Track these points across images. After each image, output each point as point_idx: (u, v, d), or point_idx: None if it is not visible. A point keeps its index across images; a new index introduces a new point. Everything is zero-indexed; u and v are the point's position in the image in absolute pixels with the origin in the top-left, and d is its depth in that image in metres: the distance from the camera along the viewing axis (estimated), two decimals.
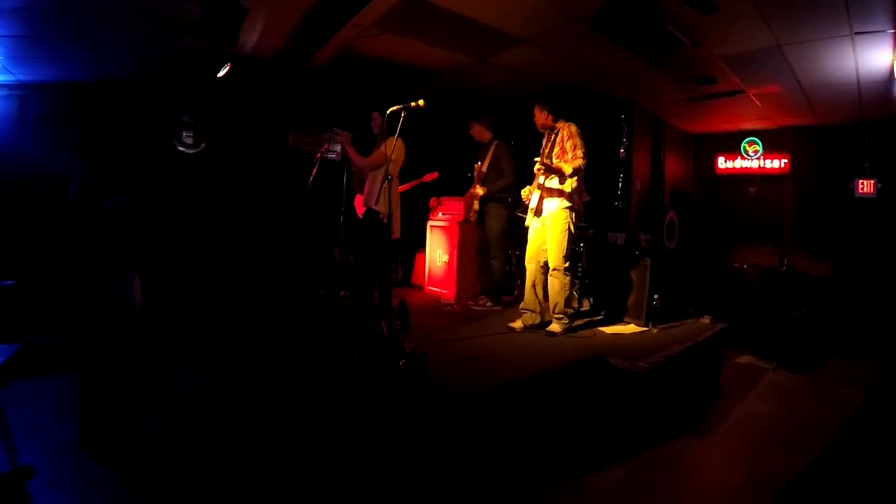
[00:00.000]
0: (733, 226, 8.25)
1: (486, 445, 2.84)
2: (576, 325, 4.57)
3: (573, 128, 4.32)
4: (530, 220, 4.49)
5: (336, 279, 5.70)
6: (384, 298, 4.65)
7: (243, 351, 4.84)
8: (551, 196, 4.32)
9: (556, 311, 4.42)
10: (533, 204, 4.43)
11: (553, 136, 4.40)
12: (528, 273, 4.56)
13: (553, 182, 4.29)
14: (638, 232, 6.60)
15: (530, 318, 4.53)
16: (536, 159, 4.34)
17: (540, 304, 4.54)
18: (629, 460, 3.26)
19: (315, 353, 4.55)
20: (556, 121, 4.43)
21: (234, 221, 6.43)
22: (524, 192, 4.55)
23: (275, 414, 3.61)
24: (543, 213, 4.39)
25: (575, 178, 4.23)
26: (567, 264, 4.33)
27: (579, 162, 4.17)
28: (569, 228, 4.27)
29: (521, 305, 4.61)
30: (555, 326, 4.39)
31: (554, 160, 4.28)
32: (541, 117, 4.47)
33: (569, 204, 4.26)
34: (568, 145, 4.27)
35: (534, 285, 4.51)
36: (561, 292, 4.36)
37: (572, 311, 4.54)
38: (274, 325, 5.38)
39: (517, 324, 4.53)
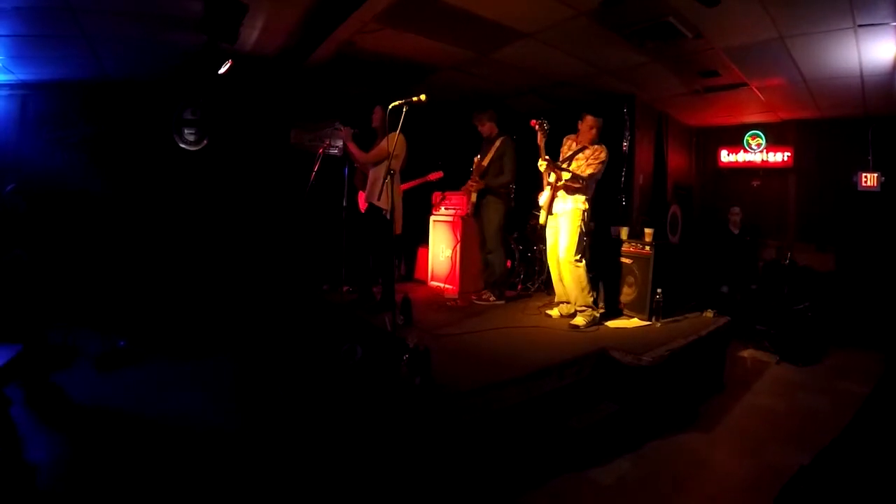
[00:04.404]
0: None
1: (490, 440, 2.85)
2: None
3: (604, 154, 4.48)
4: (544, 219, 4.67)
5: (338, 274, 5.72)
6: (387, 294, 4.66)
7: (247, 347, 4.86)
8: (566, 195, 4.52)
9: (577, 305, 4.57)
10: (543, 201, 4.61)
11: (580, 147, 4.59)
12: (551, 269, 4.82)
13: (563, 182, 4.49)
14: (641, 226, 6.59)
15: (566, 309, 4.76)
16: (541, 161, 4.45)
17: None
18: (632, 454, 3.27)
19: (318, 348, 4.57)
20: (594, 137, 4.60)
21: (237, 218, 6.44)
22: (540, 196, 4.75)
23: (278, 409, 3.62)
24: (557, 211, 4.58)
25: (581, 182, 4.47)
26: (578, 257, 4.49)
27: (591, 171, 4.42)
28: (582, 225, 4.48)
29: (556, 298, 4.92)
30: (578, 319, 4.48)
31: (572, 165, 4.50)
32: (593, 131, 4.55)
33: (584, 207, 4.48)
34: (584, 163, 4.49)
35: (560, 279, 4.71)
36: (576, 284, 4.52)
37: (594, 303, 4.62)
38: (277, 320, 5.40)
39: (554, 312, 4.81)
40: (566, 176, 4.42)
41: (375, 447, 2.95)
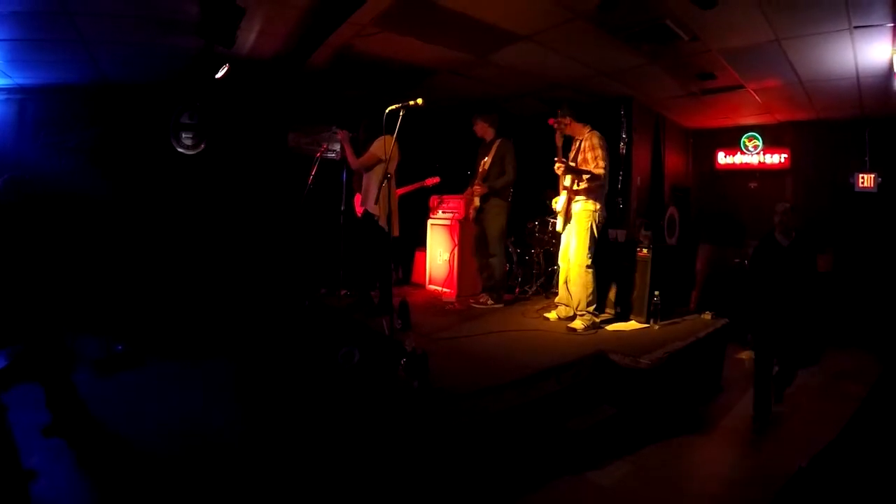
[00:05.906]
0: (734, 221, 8.24)
1: (488, 443, 2.85)
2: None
3: (597, 139, 4.50)
4: (561, 227, 4.70)
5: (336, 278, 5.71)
6: (385, 297, 4.65)
7: (245, 351, 4.85)
8: (577, 198, 4.52)
9: (578, 308, 4.55)
10: (560, 207, 4.63)
11: (577, 143, 4.59)
12: (560, 270, 4.86)
13: (578, 185, 4.50)
14: (638, 228, 6.59)
15: (564, 311, 4.76)
16: (557, 165, 4.46)
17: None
18: (631, 456, 3.27)
19: (316, 352, 4.56)
20: (581, 127, 4.61)
21: (234, 221, 6.44)
22: (555, 203, 4.77)
23: (277, 412, 3.61)
24: (571, 215, 4.60)
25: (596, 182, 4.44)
26: (589, 262, 4.47)
27: (600, 171, 4.38)
28: (592, 229, 4.46)
29: (556, 299, 4.95)
30: (577, 323, 4.48)
31: (579, 165, 4.48)
32: (566, 123, 4.58)
33: (593, 208, 4.46)
34: (590, 156, 4.47)
35: (566, 282, 4.72)
36: (582, 288, 4.50)
37: (595, 310, 4.60)
38: (274, 324, 5.39)
39: (552, 314, 4.83)
40: (586, 176, 4.40)
41: (374, 450, 2.94)
